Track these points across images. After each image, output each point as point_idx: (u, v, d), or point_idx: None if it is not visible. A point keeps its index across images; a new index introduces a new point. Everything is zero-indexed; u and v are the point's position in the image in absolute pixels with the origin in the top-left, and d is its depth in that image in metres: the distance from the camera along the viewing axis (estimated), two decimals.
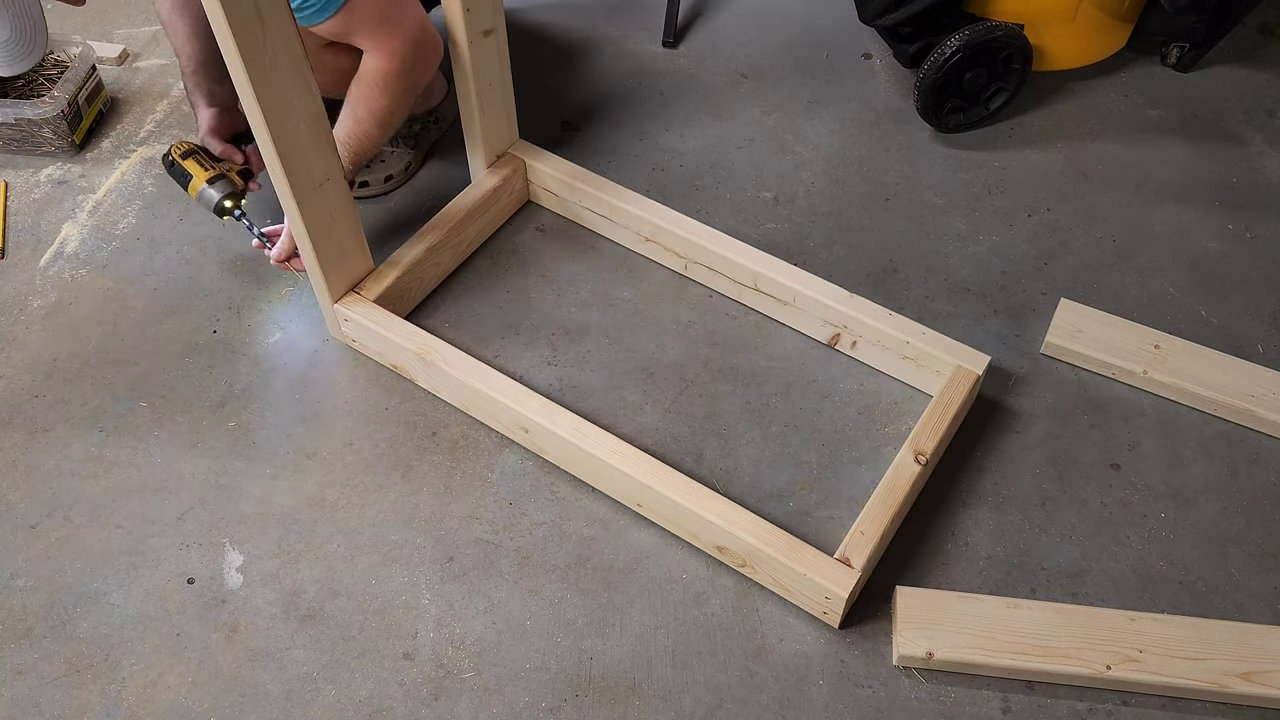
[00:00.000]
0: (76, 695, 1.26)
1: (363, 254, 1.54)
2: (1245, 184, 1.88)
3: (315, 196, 1.39)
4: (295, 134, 1.30)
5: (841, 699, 1.26)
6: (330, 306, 1.55)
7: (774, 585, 1.33)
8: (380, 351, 1.56)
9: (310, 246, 1.44)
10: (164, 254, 1.73)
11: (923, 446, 1.39)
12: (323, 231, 1.44)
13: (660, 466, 1.36)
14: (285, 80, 1.24)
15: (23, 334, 1.62)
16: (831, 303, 1.56)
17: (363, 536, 1.40)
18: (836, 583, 1.26)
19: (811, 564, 1.27)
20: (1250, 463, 1.49)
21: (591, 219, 1.76)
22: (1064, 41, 2.01)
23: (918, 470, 1.37)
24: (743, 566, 1.34)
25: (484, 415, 1.50)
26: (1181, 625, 1.29)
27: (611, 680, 1.28)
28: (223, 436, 1.50)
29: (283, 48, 1.22)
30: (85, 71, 1.89)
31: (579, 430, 1.39)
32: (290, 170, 1.33)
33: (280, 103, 1.25)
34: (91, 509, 1.42)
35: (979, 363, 1.48)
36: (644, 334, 1.63)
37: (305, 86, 1.28)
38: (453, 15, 1.50)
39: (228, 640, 1.31)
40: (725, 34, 2.17)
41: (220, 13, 1.12)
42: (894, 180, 1.88)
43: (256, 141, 1.30)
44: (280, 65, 1.22)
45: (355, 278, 1.55)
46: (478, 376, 1.46)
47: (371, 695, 1.26)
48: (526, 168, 1.77)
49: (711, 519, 1.31)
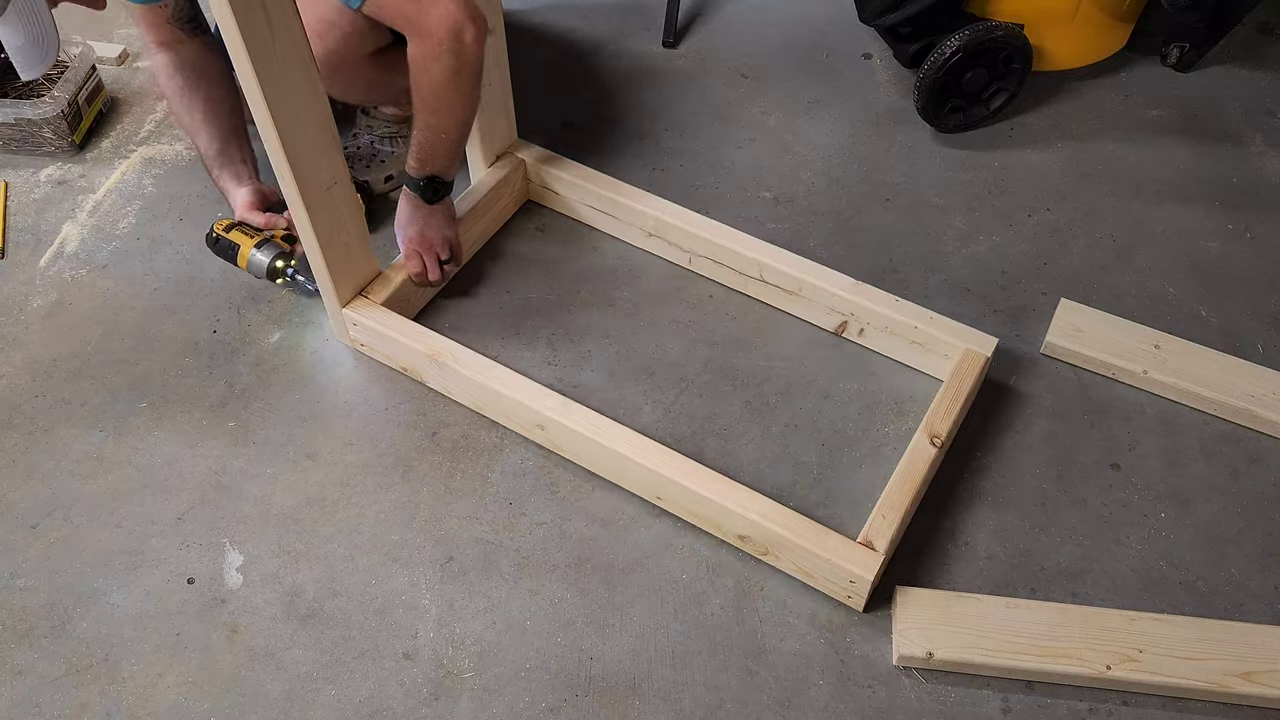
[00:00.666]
0: (76, 695, 1.26)
1: (369, 257, 1.54)
2: (1245, 184, 1.88)
3: (323, 200, 1.39)
4: (303, 137, 1.30)
5: (841, 699, 1.26)
6: (339, 311, 1.54)
7: (796, 571, 1.34)
8: (390, 354, 1.56)
9: (319, 251, 1.44)
10: (164, 254, 1.73)
11: (937, 429, 1.41)
12: (330, 236, 1.44)
13: (679, 458, 1.37)
14: (293, 83, 1.24)
15: (23, 334, 1.62)
16: (838, 291, 1.56)
17: (363, 536, 1.40)
18: (861, 566, 1.27)
19: (835, 549, 1.28)
20: (1250, 463, 1.49)
21: (594, 216, 1.76)
22: (1064, 41, 2.01)
23: (934, 453, 1.38)
24: (765, 554, 1.35)
25: (498, 414, 1.50)
26: (1181, 625, 1.29)
27: (611, 680, 1.28)
28: (223, 436, 1.50)
29: (290, 50, 1.22)
30: (85, 71, 1.89)
31: (596, 425, 1.40)
32: (299, 174, 1.33)
33: (289, 105, 1.26)
34: (91, 509, 1.42)
35: (987, 345, 1.49)
36: (645, 334, 1.63)
37: (313, 89, 1.28)
38: None
39: (228, 640, 1.30)
40: (725, 34, 2.18)
41: (230, 15, 1.12)
42: (894, 180, 1.88)
43: (265, 147, 1.30)
44: (288, 68, 1.23)
45: (362, 281, 1.55)
46: (492, 375, 1.46)
47: (371, 695, 1.26)
48: (527, 167, 1.77)
49: (733, 507, 1.32)
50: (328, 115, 1.32)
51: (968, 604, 1.30)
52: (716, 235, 1.64)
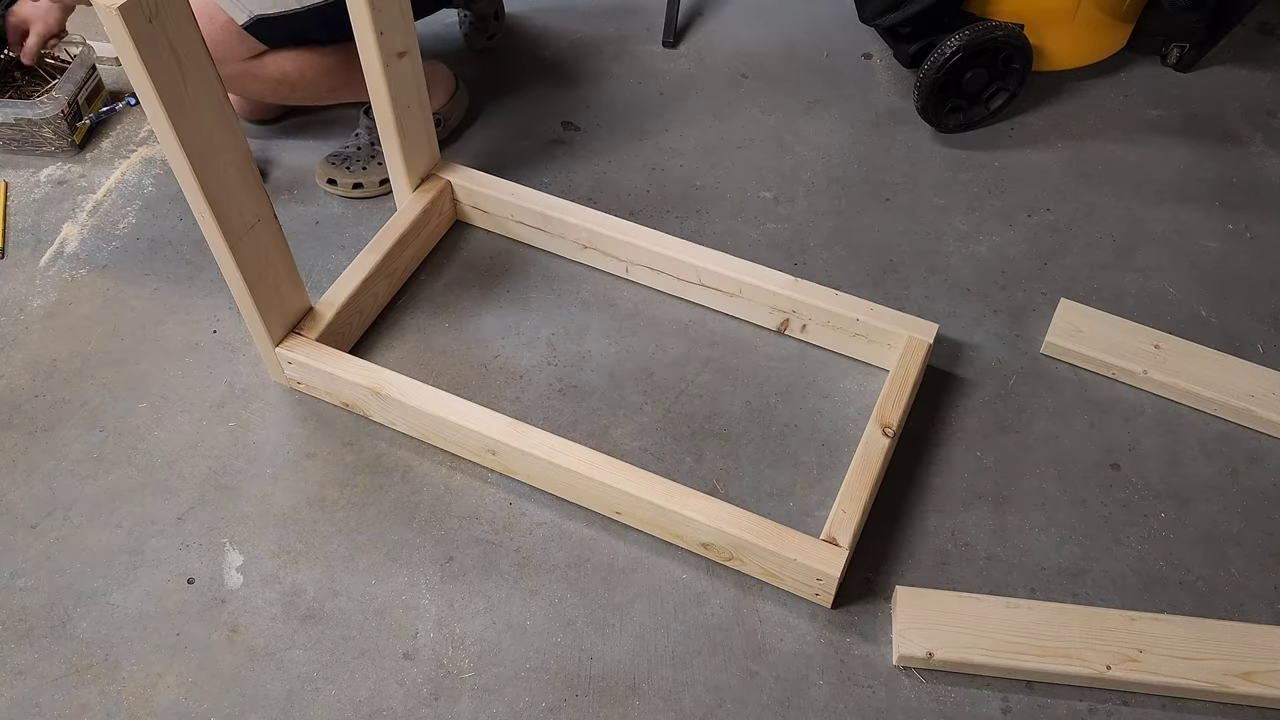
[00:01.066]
0: (76, 695, 1.26)
1: (299, 292, 1.49)
2: (1245, 184, 1.88)
3: (247, 239, 1.34)
4: (223, 177, 1.25)
5: (841, 699, 1.26)
6: (271, 351, 1.49)
7: (764, 575, 1.34)
8: (330, 390, 1.51)
9: (247, 292, 1.38)
10: (164, 254, 1.73)
11: (888, 419, 1.42)
12: (258, 274, 1.38)
13: (635, 471, 1.35)
14: (208, 122, 1.20)
15: (22, 334, 1.62)
16: (777, 289, 1.57)
17: (362, 536, 1.40)
18: (826, 563, 1.27)
19: (799, 548, 1.28)
20: (1250, 463, 1.49)
21: (525, 232, 1.74)
22: (1064, 41, 2.01)
23: (887, 443, 1.39)
24: (730, 560, 1.35)
25: (447, 443, 1.46)
26: (1181, 625, 1.29)
27: (611, 680, 1.28)
28: (223, 436, 1.50)
29: (203, 89, 1.17)
30: (85, 71, 1.89)
31: (549, 445, 1.38)
32: (220, 215, 1.27)
33: (205, 146, 1.21)
34: (91, 509, 1.42)
35: (928, 331, 1.51)
36: (637, 341, 1.63)
37: (229, 127, 1.23)
38: (366, 41, 1.45)
39: (228, 640, 1.31)
40: (725, 34, 2.18)
41: (135, 57, 1.08)
42: (894, 180, 1.88)
43: (183, 190, 1.25)
44: (201, 107, 1.18)
45: (294, 317, 1.50)
46: (437, 404, 1.43)
47: (371, 695, 1.26)
48: (453, 188, 1.74)
49: (693, 516, 1.31)
50: (246, 153, 1.28)
51: (967, 604, 1.30)
52: (650, 242, 1.63)
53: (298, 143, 1.92)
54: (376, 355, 1.60)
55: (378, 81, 1.52)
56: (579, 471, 1.36)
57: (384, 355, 1.61)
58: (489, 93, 2.01)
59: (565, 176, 1.86)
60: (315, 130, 1.95)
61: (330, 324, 1.53)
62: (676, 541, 1.38)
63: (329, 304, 1.54)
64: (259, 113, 1.94)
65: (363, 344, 1.62)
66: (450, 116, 1.91)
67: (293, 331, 1.51)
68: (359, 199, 1.82)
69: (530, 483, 1.44)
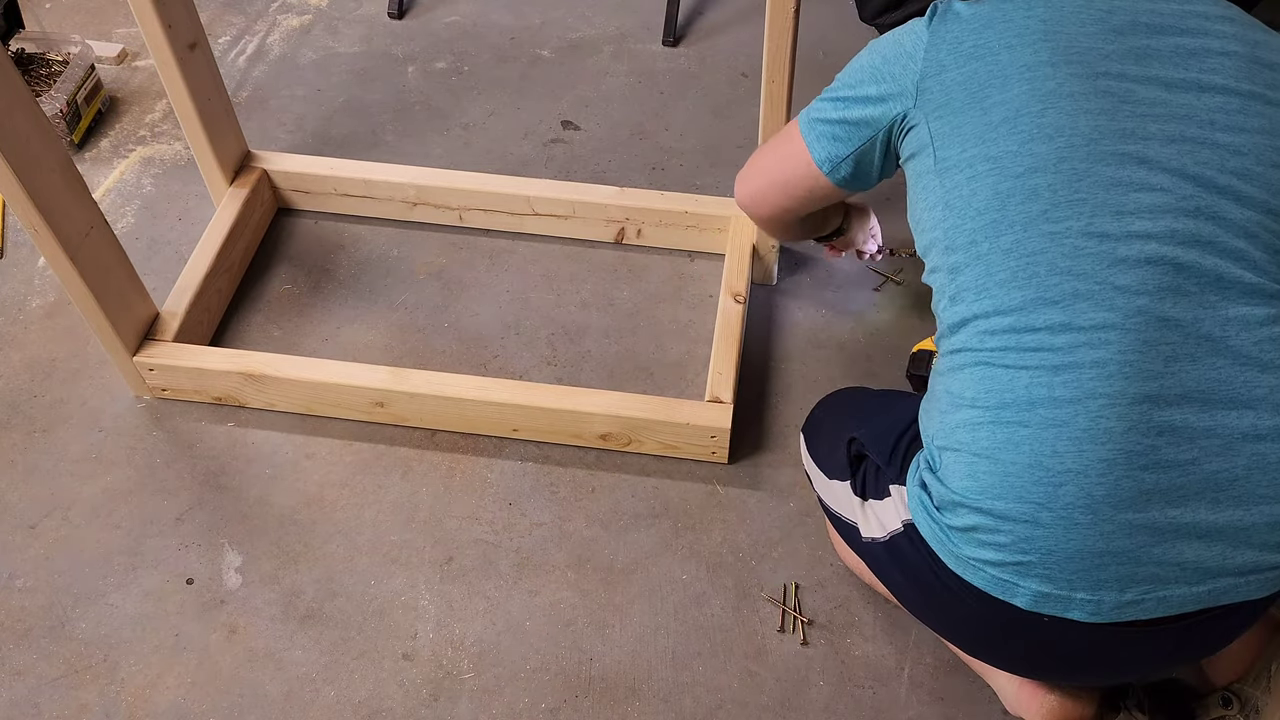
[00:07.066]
0: (75, 696, 1.26)
1: (144, 298, 1.46)
2: None
3: (85, 248, 1.30)
4: (50, 184, 1.22)
5: (841, 699, 1.26)
6: (129, 361, 1.46)
7: (663, 449, 1.44)
8: (199, 388, 1.49)
9: (95, 303, 1.35)
10: (164, 254, 1.73)
11: (737, 288, 1.54)
12: (101, 283, 1.35)
13: (524, 384, 1.44)
14: (23, 129, 1.16)
15: (22, 334, 1.62)
16: (607, 201, 1.65)
17: (362, 536, 1.40)
18: (716, 420, 1.39)
19: (689, 413, 1.40)
20: None
21: (352, 204, 1.73)
22: None
23: (740, 308, 1.52)
24: (629, 445, 1.44)
25: (332, 408, 1.46)
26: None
27: (611, 681, 1.28)
28: (221, 436, 1.50)
29: (12, 96, 1.14)
30: (84, 71, 1.88)
31: (435, 381, 1.42)
32: (54, 224, 1.24)
33: (24, 153, 1.17)
34: (90, 509, 1.42)
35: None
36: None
37: (45, 133, 1.20)
38: (154, 36, 1.42)
39: (227, 641, 1.30)
40: (725, 33, 2.17)
41: None
42: (894, 179, 1.88)
43: (10, 205, 1.21)
44: (15, 114, 1.15)
45: (143, 325, 1.47)
46: (315, 370, 1.44)
47: (371, 696, 1.26)
48: (269, 174, 1.72)
49: (588, 409, 1.40)
50: (67, 159, 1.25)
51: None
52: (478, 184, 1.68)
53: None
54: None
55: (173, 77, 1.48)
56: (472, 398, 1.41)
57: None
58: (489, 92, 2.01)
59: (565, 176, 1.86)
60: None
61: (183, 324, 1.50)
62: (576, 441, 1.45)
63: (175, 306, 1.51)
64: None
65: (214, 346, 1.58)
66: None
67: (147, 338, 1.48)
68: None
69: (426, 425, 1.47)
